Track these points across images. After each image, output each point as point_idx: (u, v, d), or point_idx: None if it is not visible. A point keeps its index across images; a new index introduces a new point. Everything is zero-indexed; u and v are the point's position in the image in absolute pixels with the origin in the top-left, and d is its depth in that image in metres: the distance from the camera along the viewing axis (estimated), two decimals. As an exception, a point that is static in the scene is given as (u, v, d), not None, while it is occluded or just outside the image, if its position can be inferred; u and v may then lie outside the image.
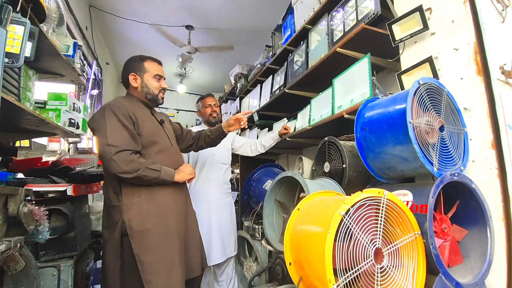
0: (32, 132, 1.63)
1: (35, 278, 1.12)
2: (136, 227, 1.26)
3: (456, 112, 1.06)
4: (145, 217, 1.28)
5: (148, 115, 1.47)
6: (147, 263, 1.23)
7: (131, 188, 1.30)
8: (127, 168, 1.23)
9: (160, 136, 1.45)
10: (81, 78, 1.81)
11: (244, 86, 3.34)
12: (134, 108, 1.39)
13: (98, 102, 4.17)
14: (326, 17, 1.79)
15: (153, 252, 1.25)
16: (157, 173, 1.29)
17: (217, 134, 1.75)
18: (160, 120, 1.52)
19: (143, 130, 1.36)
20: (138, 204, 1.29)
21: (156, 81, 1.49)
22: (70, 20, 2.84)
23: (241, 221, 2.49)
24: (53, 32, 1.46)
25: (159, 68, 1.52)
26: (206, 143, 1.77)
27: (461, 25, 1.11)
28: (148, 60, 1.50)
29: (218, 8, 3.55)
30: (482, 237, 0.96)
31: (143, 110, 1.46)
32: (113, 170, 1.24)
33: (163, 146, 1.42)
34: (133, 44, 4.53)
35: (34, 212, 0.99)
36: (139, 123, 1.36)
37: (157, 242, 1.28)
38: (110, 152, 1.23)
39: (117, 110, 1.31)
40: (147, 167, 1.27)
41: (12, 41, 1.13)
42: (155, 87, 1.48)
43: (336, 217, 0.77)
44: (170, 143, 1.50)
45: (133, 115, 1.35)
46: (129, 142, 1.29)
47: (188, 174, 1.44)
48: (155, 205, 1.31)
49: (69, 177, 1.62)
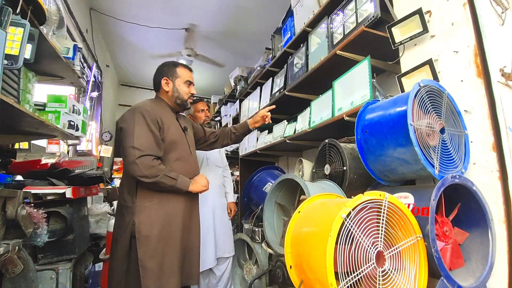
0: (31, 134, 1.63)
1: (33, 281, 1.11)
2: (144, 232, 1.29)
3: (456, 114, 1.06)
4: (153, 222, 1.31)
5: (174, 121, 1.51)
6: (149, 269, 1.26)
7: (145, 192, 1.34)
8: (147, 173, 1.27)
9: (181, 143, 1.48)
10: (81, 81, 1.81)
11: (244, 88, 3.34)
12: (162, 112, 1.45)
13: (98, 105, 4.17)
14: (326, 20, 1.79)
15: (155, 258, 1.28)
16: (174, 181, 1.33)
17: (242, 131, 1.82)
18: (184, 127, 1.56)
19: (167, 136, 1.40)
20: (149, 208, 1.32)
21: (186, 87, 1.54)
22: (70, 23, 2.84)
23: (241, 224, 2.47)
24: (53, 34, 1.47)
25: (190, 75, 1.58)
26: (231, 140, 1.84)
27: (461, 27, 1.11)
28: (180, 66, 1.57)
29: (218, 11, 3.57)
30: (483, 239, 0.95)
31: (169, 115, 1.51)
32: (133, 173, 1.28)
33: (181, 154, 1.46)
34: (133, 46, 4.55)
35: (32, 215, 0.98)
36: (164, 128, 1.40)
37: (161, 249, 1.30)
38: (134, 155, 1.27)
39: (146, 114, 1.35)
40: (166, 175, 1.31)
41: (11, 43, 1.13)
42: (185, 93, 1.53)
43: (338, 220, 0.76)
44: (190, 151, 1.53)
45: (160, 120, 1.39)
46: (153, 147, 1.32)
47: (202, 186, 1.46)
48: (164, 212, 1.35)
49: (68, 179, 1.62)
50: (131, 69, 5.55)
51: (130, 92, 6.34)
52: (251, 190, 2.32)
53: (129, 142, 1.30)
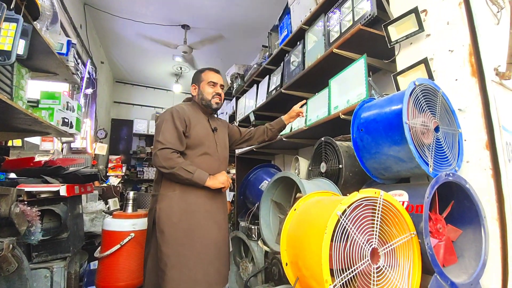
0: (24, 131, 1.60)
1: (27, 280, 1.10)
2: (163, 218, 1.39)
3: (451, 113, 1.07)
4: (173, 211, 1.40)
5: (203, 121, 1.60)
6: (165, 254, 1.35)
7: (169, 182, 1.46)
8: (164, 164, 1.39)
9: (208, 141, 1.56)
10: (75, 77, 1.79)
11: (240, 86, 3.33)
12: (192, 113, 1.56)
13: (92, 101, 4.13)
14: (322, 18, 1.79)
15: (171, 246, 1.36)
16: (190, 175, 1.40)
17: (278, 127, 1.85)
18: (214, 128, 1.63)
19: (192, 133, 1.51)
20: (171, 197, 1.43)
21: (210, 87, 1.61)
22: (64, 18, 2.80)
23: (237, 222, 2.48)
24: (46, 30, 1.44)
25: (214, 76, 1.64)
26: (268, 136, 1.87)
27: (456, 27, 1.12)
28: (205, 70, 1.66)
29: (215, 8, 3.54)
30: (476, 237, 0.96)
31: (200, 116, 1.60)
32: (154, 163, 1.43)
33: (207, 151, 1.54)
34: (128, 43, 4.50)
35: (26, 213, 0.97)
36: (191, 126, 1.51)
37: (177, 238, 1.38)
38: (157, 147, 1.42)
39: (175, 113, 1.50)
40: (182, 167, 1.40)
41: (4, 39, 1.11)
42: (208, 93, 1.61)
43: (333, 218, 0.77)
44: (217, 149, 1.59)
45: (188, 119, 1.51)
46: (175, 142, 1.44)
47: (220, 183, 1.48)
48: (184, 203, 1.43)
49: (62, 177, 1.60)
50: (126, 66, 5.49)
51: (125, 89, 6.29)
52: (247, 188, 2.32)
53: (156, 136, 1.47)
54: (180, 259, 1.34)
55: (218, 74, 1.68)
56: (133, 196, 1.99)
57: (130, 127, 6.04)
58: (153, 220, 1.42)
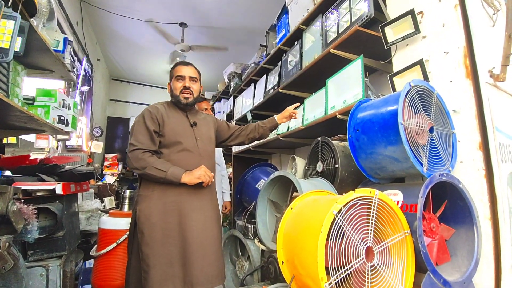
0: (20, 129, 1.59)
1: (23, 278, 1.10)
2: (142, 219, 1.37)
3: (445, 114, 1.09)
4: (151, 212, 1.38)
5: (179, 117, 1.56)
6: (145, 254, 1.33)
7: (147, 183, 1.44)
8: (136, 165, 1.37)
9: (185, 137, 1.51)
10: (71, 74, 1.78)
11: (238, 85, 3.33)
12: (166, 111, 1.53)
13: (88, 99, 4.10)
14: (320, 18, 1.80)
15: (151, 246, 1.33)
16: (163, 173, 1.36)
17: (270, 125, 1.80)
18: (193, 123, 1.58)
19: (166, 130, 1.47)
20: (149, 198, 1.40)
21: (178, 82, 1.55)
22: (61, 15, 2.77)
23: (234, 220, 2.49)
24: (43, 27, 1.43)
25: (181, 69, 1.57)
26: (259, 133, 1.81)
27: (452, 29, 1.13)
28: (174, 66, 1.61)
29: (213, 6, 3.53)
30: (469, 236, 0.98)
31: (175, 112, 1.56)
32: (127, 165, 1.45)
33: (185, 147, 1.49)
34: (125, 40, 4.47)
35: (23, 211, 0.97)
36: (165, 124, 1.48)
37: (157, 238, 1.35)
38: (129, 149, 1.42)
39: (147, 113, 1.48)
40: (154, 167, 1.36)
41: (2, 36, 1.10)
42: (176, 88, 1.55)
43: (329, 216, 0.78)
44: (196, 144, 1.54)
45: (161, 117, 1.48)
46: (146, 142, 1.42)
47: (196, 178, 1.40)
48: (162, 203, 1.40)
49: (58, 175, 1.59)
50: (122, 64, 5.46)
51: (121, 86, 6.25)
52: (244, 187, 2.33)
53: (129, 139, 1.46)
54: (160, 259, 1.32)
55: (187, 66, 1.59)
56: (129, 194, 1.99)
57: (126, 125, 6.01)
58: (134, 221, 1.41)
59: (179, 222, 1.39)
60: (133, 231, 1.42)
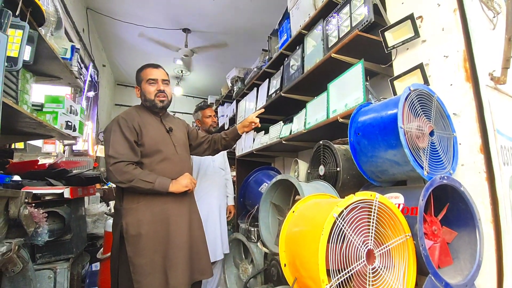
0: (28, 135, 1.63)
1: (31, 280, 1.13)
2: (131, 232, 1.35)
3: (446, 117, 1.09)
4: (140, 223, 1.36)
5: (155, 124, 1.51)
6: (138, 265, 1.32)
7: (131, 195, 1.39)
8: (120, 179, 1.32)
9: (164, 144, 1.48)
10: (78, 81, 1.82)
11: (240, 89, 3.36)
12: (141, 118, 1.47)
13: (94, 104, 4.16)
14: (321, 23, 1.82)
15: (144, 256, 1.33)
16: (151, 184, 1.35)
17: (232, 136, 1.80)
18: (169, 128, 1.54)
19: (146, 140, 1.43)
20: (136, 210, 1.37)
21: (150, 86, 1.51)
22: (67, 23, 2.84)
23: (237, 224, 2.50)
24: (51, 35, 1.48)
25: (152, 72, 1.53)
26: (222, 145, 1.81)
27: (451, 33, 1.14)
28: (143, 68, 1.56)
29: (215, 12, 3.58)
30: (471, 239, 0.98)
31: (150, 119, 1.51)
32: (110, 179, 1.36)
33: (166, 155, 1.47)
34: (129, 46, 4.55)
35: (33, 215, 1.00)
36: (143, 133, 1.43)
37: (149, 247, 1.35)
38: (109, 162, 1.34)
39: (122, 122, 1.41)
40: (140, 179, 1.33)
41: (11, 45, 1.14)
42: (149, 92, 1.51)
43: (330, 219, 0.79)
44: (175, 151, 1.52)
45: (138, 126, 1.43)
46: (127, 153, 1.37)
47: (183, 187, 1.43)
48: (150, 213, 1.39)
49: (65, 179, 1.63)
50: (127, 69, 5.54)
51: (126, 91, 6.33)
52: (247, 190, 2.35)
53: (106, 151, 1.38)
54: (154, 267, 1.34)
55: (157, 68, 1.56)
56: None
57: (131, 130, 6.06)
58: (120, 234, 1.36)
59: (167, 229, 1.41)
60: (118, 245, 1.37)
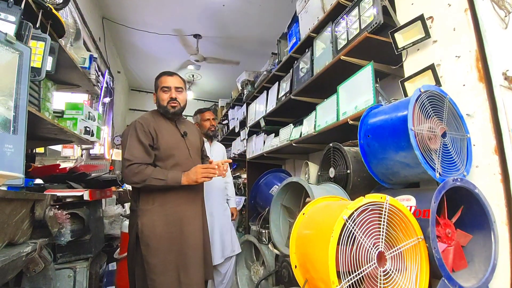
0: (49, 140, 1.72)
1: (51, 279, 1.18)
2: (146, 232, 1.40)
3: (458, 118, 1.08)
4: (155, 224, 1.42)
5: (170, 128, 1.57)
6: (152, 265, 1.37)
7: (146, 196, 1.45)
8: (134, 179, 1.39)
9: (178, 149, 1.53)
10: (96, 88, 1.91)
11: (251, 92, 3.40)
12: (156, 122, 1.53)
13: (109, 110, 4.31)
14: (330, 26, 1.83)
15: (157, 256, 1.39)
16: (163, 181, 1.40)
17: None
18: (183, 132, 1.59)
19: (161, 144, 1.49)
20: (151, 211, 1.43)
21: (164, 94, 1.57)
22: (84, 32, 2.97)
23: (249, 226, 2.52)
24: (70, 46, 1.56)
25: (166, 80, 1.58)
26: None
27: (463, 33, 1.13)
28: (159, 77, 1.61)
29: (225, 18, 3.64)
30: (486, 241, 0.96)
31: (165, 123, 1.57)
32: (125, 181, 1.44)
33: (179, 160, 1.52)
34: (143, 53, 4.68)
35: (57, 216, 1.06)
36: (158, 137, 1.48)
37: (163, 247, 1.40)
38: (124, 165, 1.41)
39: (139, 126, 1.47)
40: (153, 177, 1.39)
41: (34, 56, 1.21)
42: (163, 99, 1.57)
43: (339, 222, 0.80)
44: (189, 155, 1.57)
45: (153, 130, 1.49)
46: (142, 156, 1.43)
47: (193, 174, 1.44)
48: (164, 214, 1.44)
49: (85, 182, 1.70)
50: (141, 75, 5.70)
51: (140, 96, 6.50)
52: (258, 192, 2.36)
53: (123, 154, 1.45)
54: (167, 266, 1.39)
55: (171, 76, 1.59)
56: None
57: (144, 134, 6.20)
58: (136, 234, 1.42)
59: (181, 230, 1.45)
60: (134, 243, 1.43)
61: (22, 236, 0.84)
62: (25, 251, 0.80)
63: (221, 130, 5.01)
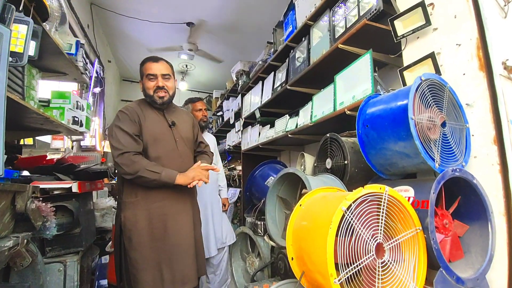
0: (36, 130, 1.65)
1: (41, 274, 1.15)
2: (128, 226, 1.36)
3: (458, 108, 1.06)
4: (137, 218, 1.36)
5: (156, 118, 1.48)
6: (134, 259, 1.34)
7: (130, 188, 1.40)
8: (128, 170, 1.31)
9: (164, 139, 1.45)
10: (84, 77, 1.83)
11: (245, 83, 3.34)
12: (142, 110, 1.46)
13: (100, 100, 4.19)
14: (327, 13, 1.78)
15: (139, 251, 1.34)
16: (157, 175, 1.32)
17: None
18: (171, 122, 1.50)
19: (144, 134, 1.42)
20: (134, 204, 1.38)
21: (150, 82, 1.46)
22: (72, 18, 2.84)
23: (244, 217, 2.51)
24: (55, 30, 1.48)
25: (152, 67, 1.46)
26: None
27: (464, 20, 1.10)
28: (144, 63, 1.50)
29: (219, 5, 3.54)
30: (483, 232, 0.96)
31: (151, 113, 1.49)
32: (118, 171, 1.36)
33: (162, 152, 1.43)
34: (134, 41, 4.54)
35: (41, 209, 1.01)
36: (142, 127, 1.42)
37: (144, 242, 1.35)
38: (115, 155, 1.33)
39: (123, 115, 1.40)
40: (147, 169, 1.31)
41: (15, 40, 1.14)
42: (149, 88, 1.46)
43: (338, 213, 0.78)
44: (176, 146, 1.47)
45: (138, 118, 1.42)
46: (131, 144, 1.36)
47: (190, 178, 1.37)
48: (147, 208, 1.38)
49: (73, 174, 1.64)
50: (132, 64, 5.54)
51: (132, 87, 6.35)
52: (253, 184, 2.34)
53: (111, 143, 1.38)
54: (149, 262, 1.33)
55: (157, 62, 1.48)
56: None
57: (137, 125, 6.10)
58: (120, 227, 1.39)
59: (165, 226, 1.39)
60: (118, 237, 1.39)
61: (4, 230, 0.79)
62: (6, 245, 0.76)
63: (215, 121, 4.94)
